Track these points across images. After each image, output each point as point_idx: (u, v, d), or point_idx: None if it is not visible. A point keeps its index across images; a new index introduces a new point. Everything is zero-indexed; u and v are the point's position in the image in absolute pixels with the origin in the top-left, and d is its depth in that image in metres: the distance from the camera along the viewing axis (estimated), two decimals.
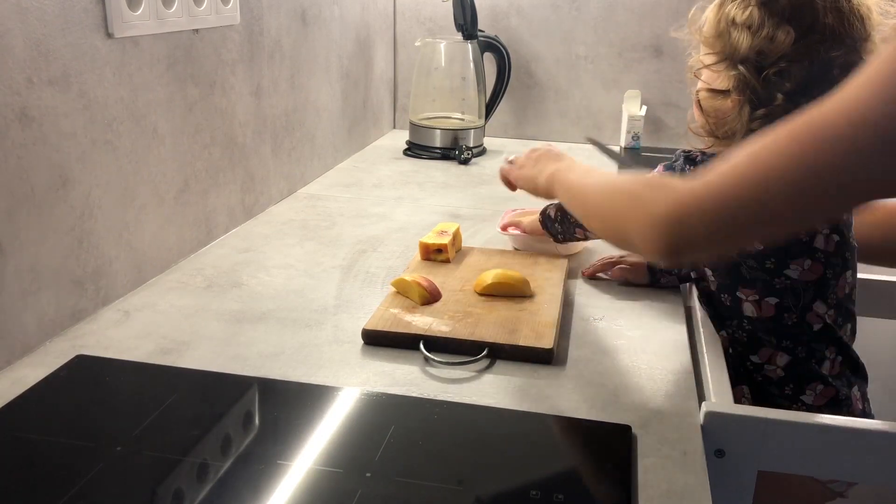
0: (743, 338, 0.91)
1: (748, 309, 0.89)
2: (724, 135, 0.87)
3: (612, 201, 0.76)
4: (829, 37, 0.81)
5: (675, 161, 0.93)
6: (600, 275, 1.06)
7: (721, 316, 0.92)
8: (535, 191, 0.95)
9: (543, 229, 1.07)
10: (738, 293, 0.90)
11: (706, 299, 0.95)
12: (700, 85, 0.90)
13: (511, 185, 1.03)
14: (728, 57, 0.85)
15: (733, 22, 0.84)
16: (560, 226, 1.05)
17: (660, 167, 0.95)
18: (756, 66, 0.83)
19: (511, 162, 1.03)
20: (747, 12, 0.83)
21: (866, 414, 0.93)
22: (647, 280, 1.03)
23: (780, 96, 0.82)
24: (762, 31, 0.82)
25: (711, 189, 0.65)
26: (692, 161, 0.91)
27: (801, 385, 0.88)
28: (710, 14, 0.88)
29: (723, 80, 0.86)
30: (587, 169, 0.88)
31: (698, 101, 0.90)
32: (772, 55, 0.82)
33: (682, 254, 0.70)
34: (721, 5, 0.87)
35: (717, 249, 0.72)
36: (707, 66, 0.88)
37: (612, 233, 0.78)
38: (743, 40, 0.83)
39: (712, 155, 0.88)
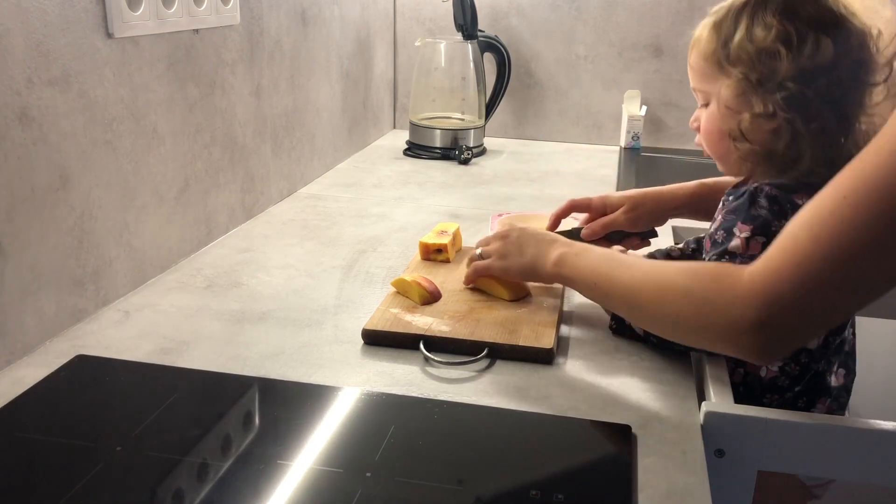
0: (795, 371, 0.84)
1: (812, 342, 0.84)
2: (787, 158, 0.81)
3: (671, 305, 0.73)
4: (855, 35, 0.78)
5: (746, 205, 0.82)
6: None
7: None
8: (536, 279, 0.92)
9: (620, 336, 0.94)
10: None
11: None
12: (727, 113, 0.83)
13: (474, 280, 0.97)
14: (767, 80, 0.79)
15: (764, 43, 0.79)
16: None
17: (738, 224, 0.82)
18: (802, 82, 0.78)
19: (481, 256, 0.96)
20: (773, 31, 0.78)
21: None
22: None
23: (826, 108, 0.79)
24: (804, 46, 0.78)
25: (789, 278, 0.63)
26: (770, 199, 0.81)
27: (814, 399, 0.87)
28: (737, 36, 0.81)
29: (759, 103, 0.80)
30: (603, 254, 0.85)
31: (741, 131, 0.82)
32: (816, 69, 0.78)
33: (780, 351, 0.70)
34: (738, 26, 0.81)
35: (814, 336, 0.71)
36: (741, 96, 0.81)
37: (680, 337, 0.77)
38: (783, 60, 0.78)
39: (782, 184, 0.81)
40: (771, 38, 0.78)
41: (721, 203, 0.88)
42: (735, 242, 0.80)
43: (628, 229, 1.05)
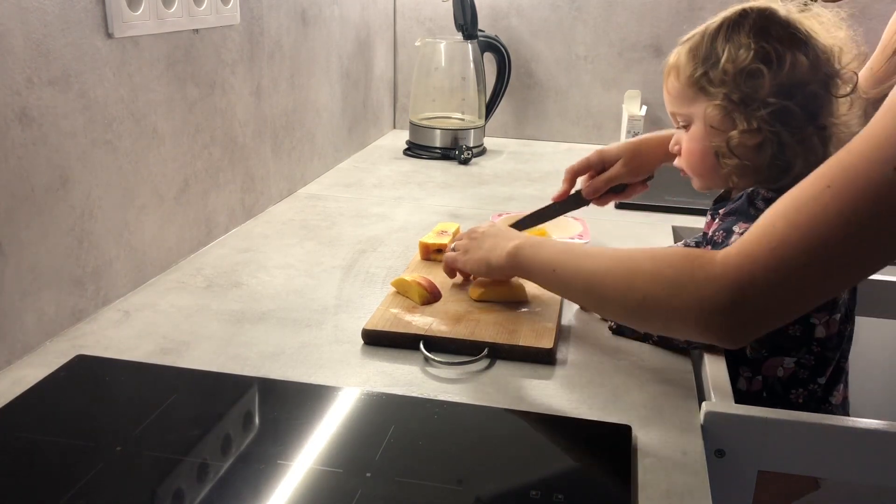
0: (811, 362, 0.86)
1: (820, 332, 0.86)
2: (776, 168, 0.83)
3: (637, 288, 0.72)
4: (822, 52, 0.83)
5: (745, 206, 0.86)
6: None
7: (783, 347, 0.86)
8: (492, 272, 0.92)
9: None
10: (811, 319, 0.85)
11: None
12: (712, 132, 0.86)
13: (452, 273, 0.98)
14: (750, 98, 0.82)
15: (744, 63, 0.82)
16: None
17: (737, 225, 0.86)
18: (782, 96, 0.81)
19: (454, 249, 0.98)
20: (751, 51, 0.81)
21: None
22: None
23: (806, 119, 0.82)
24: (783, 63, 0.81)
25: (764, 261, 0.63)
26: (767, 201, 0.83)
27: (831, 387, 0.88)
28: (720, 59, 0.84)
29: (743, 120, 0.83)
30: (564, 245, 0.85)
31: (729, 148, 0.84)
32: (793, 84, 0.81)
33: (749, 335, 0.70)
34: (716, 49, 0.84)
35: (784, 321, 0.70)
36: (725, 115, 0.84)
37: (645, 323, 0.77)
38: (765, 78, 0.81)
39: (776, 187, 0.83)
40: (750, 58, 0.82)
41: (709, 216, 0.91)
42: (734, 239, 0.80)
43: (630, 180, 1.08)
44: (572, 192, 1.09)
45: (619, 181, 1.07)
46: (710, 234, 0.89)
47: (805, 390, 0.86)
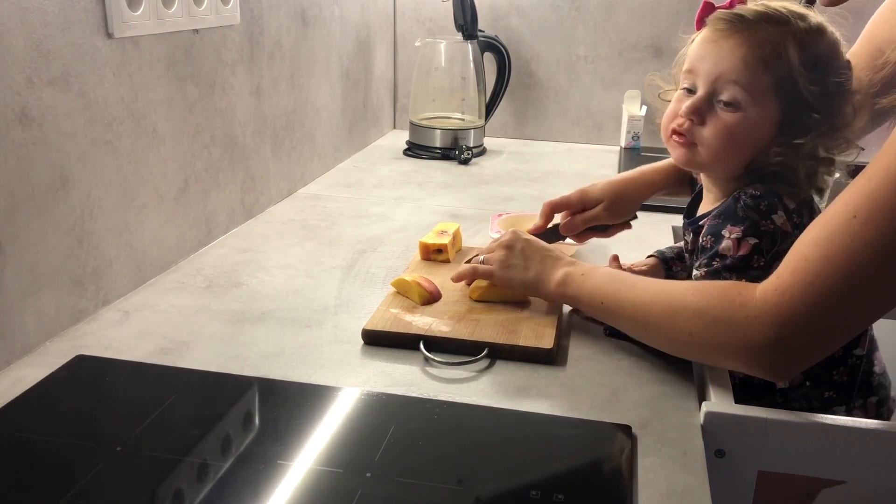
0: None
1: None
2: (804, 180, 0.81)
3: (682, 324, 0.74)
4: (846, 61, 0.81)
5: (732, 208, 0.82)
6: None
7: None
8: (533, 294, 0.91)
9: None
10: None
11: None
12: (724, 117, 0.81)
13: (462, 277, 0.95)
14: (805, 110, 0.79)
15: (806, 77, 0.78)
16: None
17: (728, 230, 0.82)
18: (825, 112, 0.79)
19: (483, 261, 0.94)
20: (809, 65, 0.78)
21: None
22: (663, 276, 1.00)
23: (836, 133, 0.80)
24: (828, 79, 0.79)
25: (801, 297, 0.65)
26: (754, 198, 0.81)
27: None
28: (791, 67, 0.78)
29: (794, 130, 0.80)
30: (609, 274, 0.84)
31: (731, 134, 0.81)
32: (831, 98, 0.79)
33: (797, 369, 0.72)
34: (789, 55, 0.79)
35: (829, 351, 0.71)
36: (782, 121, 0.80)
37: (693, 355, 0.78)
38: (815, 92, 0.78)
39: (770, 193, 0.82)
40: (810, 72, 0.78)
41: (685, 232, 0.90)
42: (725, 244, 0.80)
43: (609, 222, 1.06)
44: (550, 225, 1.07)
45: (598, 223, 1.05)
46: (700, 241, 0.85)
47: (845, 367, 0.85)
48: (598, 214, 1.04)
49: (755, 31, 0.79)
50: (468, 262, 0.97)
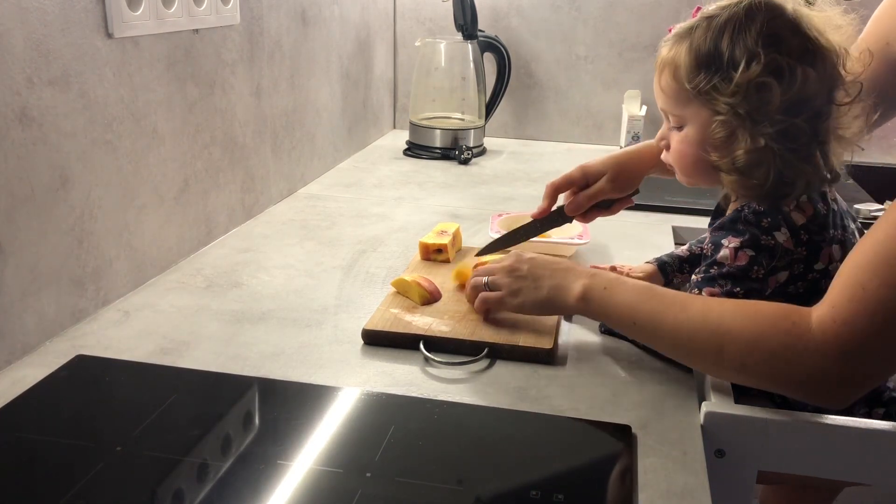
0: None
1: None
2: (776, 188, 0.79)
3: (733, 353, 0.71)
4: (829, 60, 0.78)
5: (734, 221, 0.81)
6: None
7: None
8: (552, 313, 0.88)
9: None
10: None
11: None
12: (713, 146, 0.81)
13: (479, 311, 0.90)
14: (757, 113, 0.77)
15: (755, 76, 0.76)
16: None
17: (731, 242, 0.80)
18: (790, 113, 0.77)
19: (487, 285, 0.89)
20: (762, 63, 0.75)
21: None
22: (661, 284, 0.97)
23: (810, 137, 0.78)
24: (794, 79, 0.75)
25: (863, 328, 0.64)
26: (756, 213, 0.80)
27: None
28: (726, 66, 0.77)
29: (747, 136, 0.78)
30: (636, 288, 0.80)
31: (733, 165, 0.79)
32: (801, 100, 0.76)
33: (856, 396, 0.71)
34: (722, 54, 0.78)
35: (888, 376, 0.72)
36: (729, 128, 0.79)
37: (743, 382, 0.75)
38: (774, 93, 0.76)
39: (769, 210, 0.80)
40: (760, 70, 0.76)
41: (707, 234, 0.88)
42: (723, 253, 0.80)
43: (614, 196, 1.03)
44: (554, 208, 1.04)
45: (604, 197, 1.02)
46: (703, 249, 0.85)
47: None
48: (602, 188, 1.01)
49: (664, 56, 0.84)
50: (474, 272, 0.94)
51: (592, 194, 1.02)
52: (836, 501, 1.03)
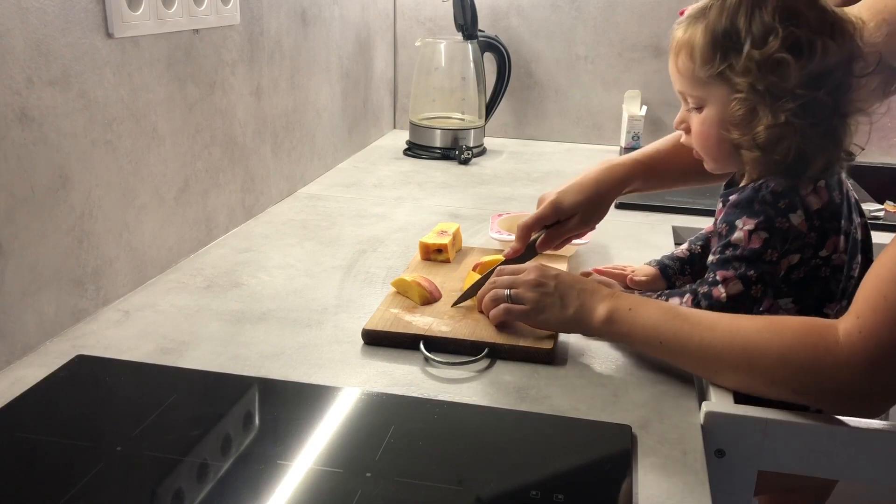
0: None
1: None
2: (797, 164, 0.79)
3: (762, 370, 0.72)
4: (848, 32, 0.77)
5: (750, 200, 0.81)
6: None
7: None
8: (572, 330, 0.86)
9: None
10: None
11: None
12: (734, 123, 0.81)
13: (497, 321, 0.88)
14: (776, 89, 0.77)
15: (771, 52, 0.76)
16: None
17: (745, 224, 0.81)
18: (810, 87, 0.76)
19: (510, 296, 0.87)
20: (779, 38, 0.75)
21: None
22: (664, 287, 0.98)
23: (831, 111, 0.78)
24: (813, 53, 0.75)
25: (890, 340, 0.65)
26: (774, 195, 0.81)
27: None
28: (743, 45, 0.77)
29: (768, 113, 0.78)
30: (661, 309, 0.80)
31: (754, 141, 0.79)
32: (821, 73, 0.76)
33: (886, 407, 0.72)
34: (738, 31, 0.78)
35: None
36: (748, 106, 0.79)
37: (773, 396, 0.75)
38: (792, 68, 0.75)
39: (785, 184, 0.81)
40: (777, 46, 0.76)
41: (720, 203, 0.88)
42: (738, 235, 0.81)
43: (584, 230, 1.03)
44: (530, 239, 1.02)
45: (575, 233, 1.02)
46: (717, 226, 0.85)
47: None
48: (574, 226, 1.00)
49: (680, 38, 0.83)
50: (490, 282, 0.91)
51: (564, 232, 1.01)
52: (830, 502, 1.03)
